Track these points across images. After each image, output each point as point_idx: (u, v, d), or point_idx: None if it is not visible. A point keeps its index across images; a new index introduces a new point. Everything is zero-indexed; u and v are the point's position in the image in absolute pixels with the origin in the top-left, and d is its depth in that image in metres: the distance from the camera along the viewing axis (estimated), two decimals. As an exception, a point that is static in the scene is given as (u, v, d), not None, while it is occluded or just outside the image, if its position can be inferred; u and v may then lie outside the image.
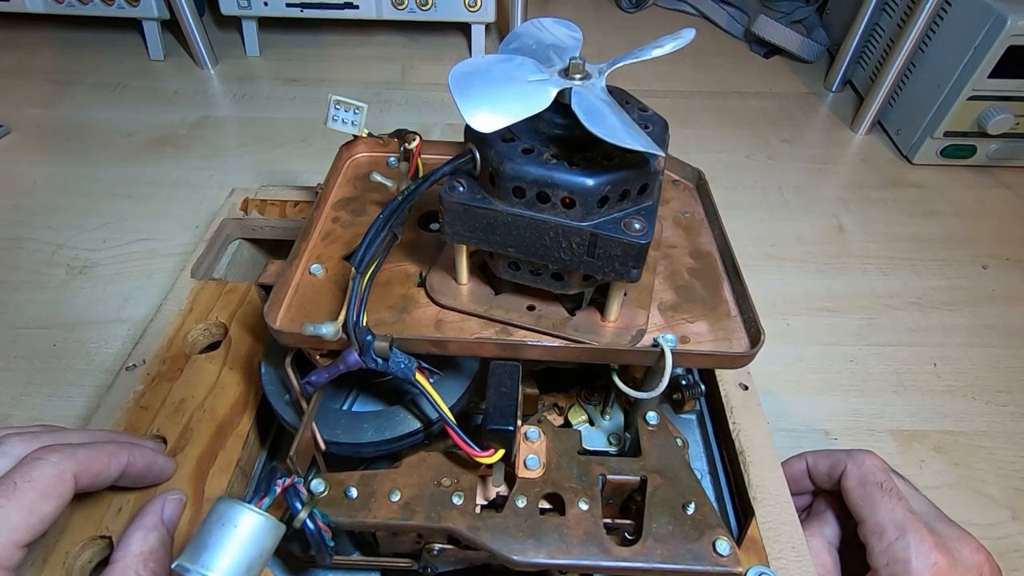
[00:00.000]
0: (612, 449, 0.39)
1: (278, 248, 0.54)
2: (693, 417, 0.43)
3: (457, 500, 0.31)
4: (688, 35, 0.29)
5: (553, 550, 0.30)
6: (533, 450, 0.33)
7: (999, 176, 0.83)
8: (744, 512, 0.36)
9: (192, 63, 0.98)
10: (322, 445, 0.32)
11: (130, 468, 0.31)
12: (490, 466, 0.31)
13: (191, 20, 0.92)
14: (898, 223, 0.75)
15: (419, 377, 0.30)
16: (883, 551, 0.32)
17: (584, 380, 0.42)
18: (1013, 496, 0.50)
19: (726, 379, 0.41)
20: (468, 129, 0.27)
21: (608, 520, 0.32)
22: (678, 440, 0.35)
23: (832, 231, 0.74)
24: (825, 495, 0.39)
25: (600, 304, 0.33)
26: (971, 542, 0.34)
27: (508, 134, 0.29)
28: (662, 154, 0.27)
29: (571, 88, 0.27)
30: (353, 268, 0.29)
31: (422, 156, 0.38)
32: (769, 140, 0.88)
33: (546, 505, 0.32)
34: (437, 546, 0.32)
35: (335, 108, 0.40)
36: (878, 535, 0.33)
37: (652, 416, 0.35)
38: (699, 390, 0.41)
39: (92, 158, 0.79)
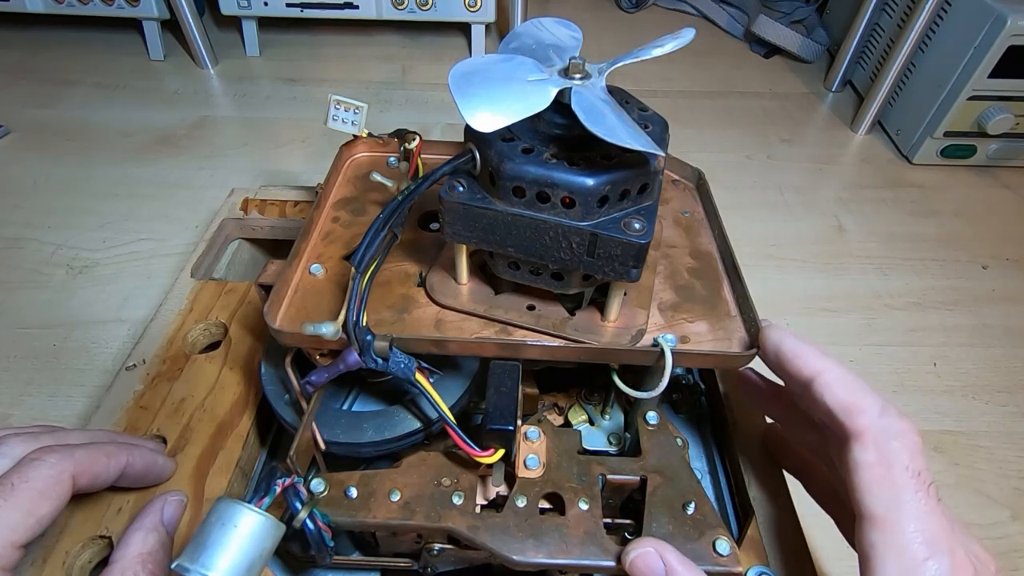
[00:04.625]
0: (612, 449, 0.39)
1: (278, 248, 0.54)
2: (693, 417, 0.43)
3: (457, 500, 0.31)
4: (688, 35, 0.29)
5: (553, 550, 0.29)
6: (533, 450, 0.33)
7: (999, 176, 0.83)
8: (744, 512, 0.36)
9: (192, 63, 0.98)
10: (322, 445, 0.32)
11: (129, 469, 0.31)
12: (490, 466, 0.31)
13: (191, 20, 0.92)
14: (898, 223, 0.75)
15: (419, 377, 0.30)
16: (901, 571, 0.23)
17: (584, 380, 0.42)
18: (1013, 496, 0.50)
19: (726, 379, 0.41)
20: (468, 129, 0.27)
21: (608, 520, 0.32)
22: (678, 440, 0.35)
23: (832, 231, 0.74)
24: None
25: (600, 304, 0.33)
26: (991, 564, 0.26)
27: (508, 134, 0.29)
28: (662, 154, 0.27)
29: (571, 88, 0.27)
30: (353, 268, 0.29)
31: (422, 156, 0.38)
32: (769, 140, 0.88)
33: (546, 505, 0.32)
34: (437, 546, 0.32)
35: (335, 108, 0.40)
36: (897, 550, 0.23)
37: (652, 416, 0.35)
38: (699, 390, 0.41)
39: (92, 158, 0.79)
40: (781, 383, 0.32)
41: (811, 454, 0.33)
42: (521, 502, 0.31)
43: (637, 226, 0.28)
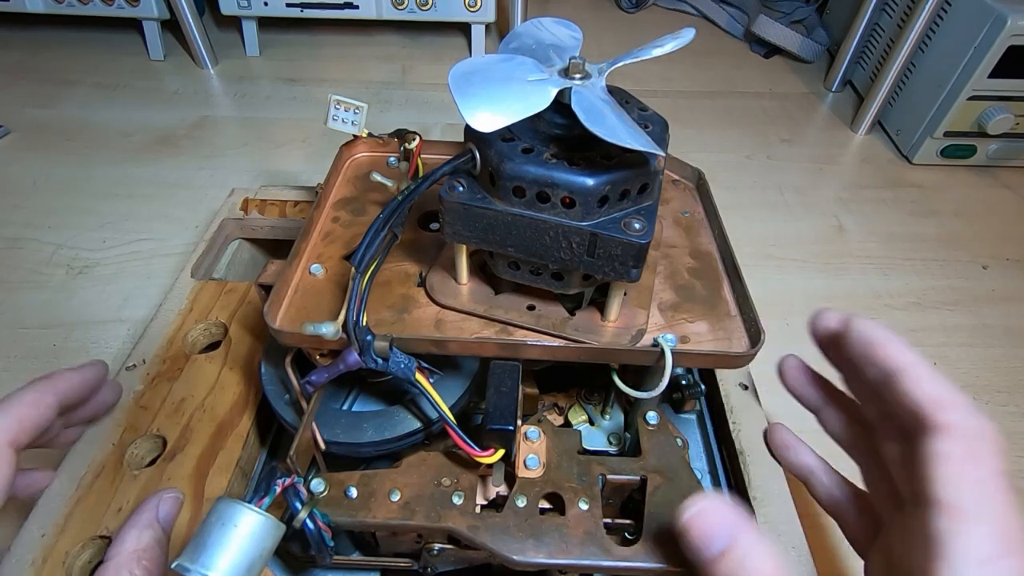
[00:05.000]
0: (612, 449, 0.39)
1: (278, 248, 0.54)
2: (693, 417, 0.43)
3: (457, 500, 0.31)
4: (688, 35, 0.29)
5: (553, 550, 0.30)
6: (533, 450, 0.33)
7: (999, 176, 0.83)
8: (744, 512, 0.35)
9: (192, 63, 0.98)
10: (322, 445, 0.32)
11: (65, 399, 0.30)
12: (490, 466, 0.31)
13: (191, 20, 0.92)
14: (898, 223, 0.75)
15: (419, 377, 0.30)
16: (977, 562, 0.23)
17: (584, 380, 0.42)
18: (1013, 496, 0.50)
19: (726, 379, 0.41)
20: (468, 129, 0.27)
21: (608, 520, 0.32)
22: (678, 440, 0.35)
23: (832, 231, 0.74)
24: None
25: (600, 304, 0.33)
26: None
27: (508, 134, 0.29)
28: (662, 154, 0.27)
29: (571, 88, 0.27)
30: (353, 268, 0.29)
31: (422, 156, 0.38)
32: (769, 140, 0.88)
33: (546, 505, 0.32)
34: (437, 546, 0.32)
35: (335, 108, 0.40)
36: (976, 540, 0.23)
37: (652, 416, 0.35)
38: (699, 390, 0.41)
39: (92, 158, 0.79)
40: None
41: (847, 447, 0.33)
42: (521, 502, 0.31)
43: (637, 226, 0.28)
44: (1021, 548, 0.23)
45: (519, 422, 0.31)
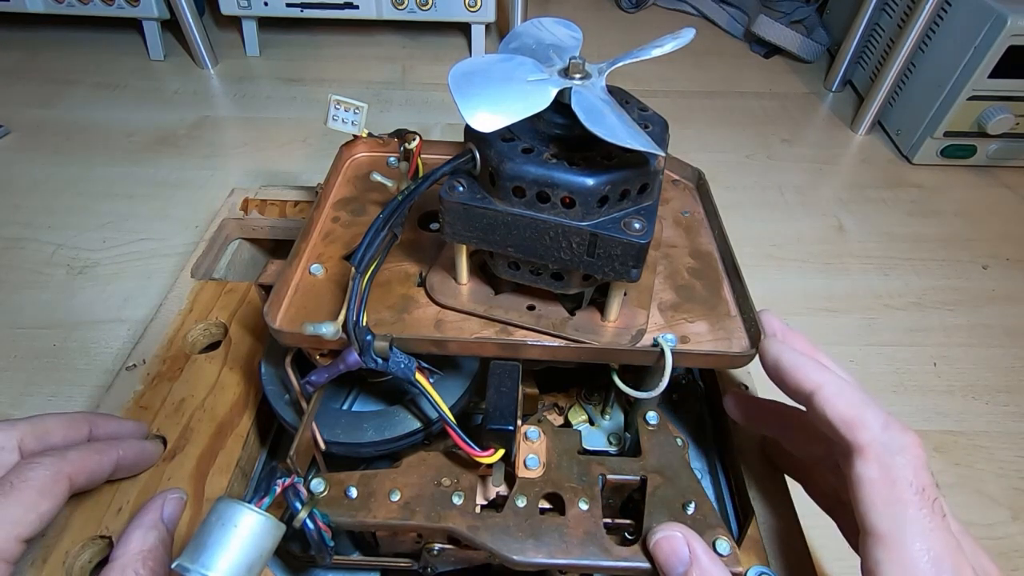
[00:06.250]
0: (612, 449, 0.39)
1: (278, 248, 0.54)
2: (693, 417, 0.43)
3: (457, 500, 0.31)
4: (688, 35, 0.29)
5: (553, 550, 0.29)
6: (533, 450, 0.33)
7: (999, 176, 0.83)
8: (744, 512, 0.36)
9: (192, 63, 0.98)
10: (322, 445, 0.32)
11: (122, 461, 0.32)
12: (490, 466, 0.31)
13: (191, 20, 0.92)
14: (898, 223, 0.75)
15: (419, 377, 0.30)
16: None
17: (584, 380, 0.42)
18: (1013, 496, 0.50)
19: (726, 380, 0.41)
20: (468, 129, 0.27)
21: (608, 520, 0.32)
22: (678, 440, 0.35)
23: (832, 231, 0.74)
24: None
25: (600, 304, 0.33)
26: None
27: (508, 134, 0.29)
28: (662, 154, 0.27)
29: (571, 88, 0.27)
30: (353, 268, 0.29)
31: (422, 156, 0.38)
32: (769, 140, 0.88)
33: (546, 505, 0.32)
34: (437, 546, 0.32)
35: (335, 108, 0.40)
36: (903, 568, 0.23)
37: (652, 416, 0.35)
38: (699, 390, 0.41)
39: (92, 158, 0.79)
40: (773, 400, 0.32)
41: (813, 464, 0.33)
42: (521, 502, 0.31)
43: (637, 226, 0.28)
44: (949, 563, 0.23)
45: (519, 422, 0.31)
